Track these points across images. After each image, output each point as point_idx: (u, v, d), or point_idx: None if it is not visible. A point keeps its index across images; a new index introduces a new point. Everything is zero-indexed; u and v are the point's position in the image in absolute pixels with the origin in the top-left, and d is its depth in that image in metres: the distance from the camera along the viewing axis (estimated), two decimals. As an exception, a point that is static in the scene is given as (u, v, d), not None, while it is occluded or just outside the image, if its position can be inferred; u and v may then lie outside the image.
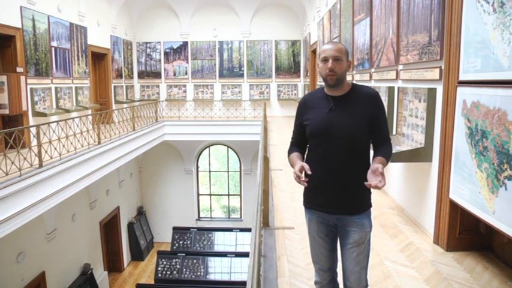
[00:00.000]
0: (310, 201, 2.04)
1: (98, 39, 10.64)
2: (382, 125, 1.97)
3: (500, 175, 2.27)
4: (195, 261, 8.38)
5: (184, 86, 13.79)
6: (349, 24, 6.27)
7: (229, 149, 14.34)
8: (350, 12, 6.19)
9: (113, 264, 11.36)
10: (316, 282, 2.15)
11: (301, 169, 1.86)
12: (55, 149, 5.83)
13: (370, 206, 2.01)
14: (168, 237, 10.95)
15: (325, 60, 1.92)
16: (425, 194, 3.43)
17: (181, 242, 9.68)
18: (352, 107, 1.93)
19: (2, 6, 6.60)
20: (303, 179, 1.84)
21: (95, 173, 6.95)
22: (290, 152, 2.11)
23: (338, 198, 1.93)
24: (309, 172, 1.84)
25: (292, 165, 1.98)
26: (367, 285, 2.00)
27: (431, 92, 3.25)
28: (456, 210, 2.94)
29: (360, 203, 1.96)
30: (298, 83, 13.61)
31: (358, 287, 1.97)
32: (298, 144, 2.12)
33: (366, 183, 1.72)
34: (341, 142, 1.90)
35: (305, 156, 2.08)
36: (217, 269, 8.31)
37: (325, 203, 1.97)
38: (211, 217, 14.69)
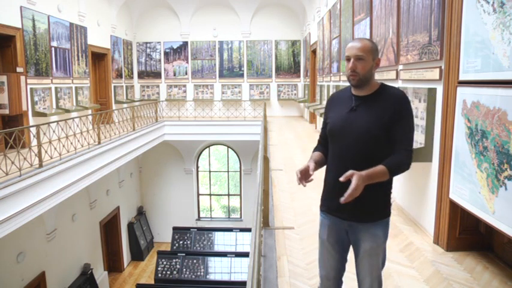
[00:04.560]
0: (325, 204, 1.97)
1: (98, 39, 10.64)
2: (401, 130, 1.79)
3: (500, 175, 2.27)
4: (195, 261, 8.38)
5: (184, 86, 13.79)
6: (349, 24, 6.27)
7: (229, 149, 14.33)
8: (350, 12, 6.19)
9: (113, 264, 11.35)
10: None
11: (304, 169, 1.81)
12: (55, 149, 5.83)
13: (387, 215, 1.88)
14: (168, 237, 10.95)
15: (347, 59, 1.83)
16: (425, 194, 3.43)
17: (181, 242, 9.68)
18: (374, 108, 1.81)
19: (2, 6, 6.60)
20: (300, 177, 1.80)
21: (95, 173, 6.96)
22: (314, 150, 2.06)
23: (350, 203, 1.75)
24: (311, 173, 1.80)
25: None
26: None
27: (431, 92, 3.25)
28: (456, 210, 2.94)
29: (373, 211, 1.84)
30: (298, 83, 13.60)
31: None
32: (323, 143, 2.04)
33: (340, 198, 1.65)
34: (356, 144, 1.81)
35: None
36: (217, 269, 8.30)
37: (338, 207, 1.83)
38: (211, 217, 14.69)
